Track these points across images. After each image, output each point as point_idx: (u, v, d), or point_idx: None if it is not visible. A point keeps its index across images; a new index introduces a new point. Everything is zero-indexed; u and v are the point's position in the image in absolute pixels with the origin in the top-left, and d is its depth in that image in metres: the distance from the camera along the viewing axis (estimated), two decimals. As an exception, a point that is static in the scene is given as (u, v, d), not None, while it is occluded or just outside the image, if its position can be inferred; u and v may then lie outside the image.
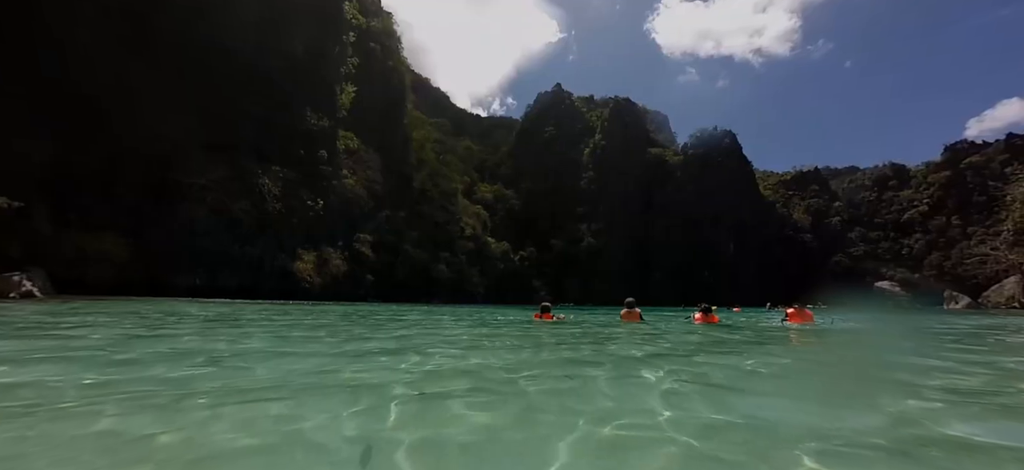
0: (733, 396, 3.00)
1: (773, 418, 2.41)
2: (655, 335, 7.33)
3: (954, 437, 2.08)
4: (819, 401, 3.16)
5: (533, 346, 5.70)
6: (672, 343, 6.17)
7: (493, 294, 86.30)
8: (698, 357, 4.88)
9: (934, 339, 8.28)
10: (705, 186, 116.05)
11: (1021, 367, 4.75)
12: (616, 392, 3.01)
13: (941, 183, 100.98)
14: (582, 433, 2.02)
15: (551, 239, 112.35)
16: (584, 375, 3.72)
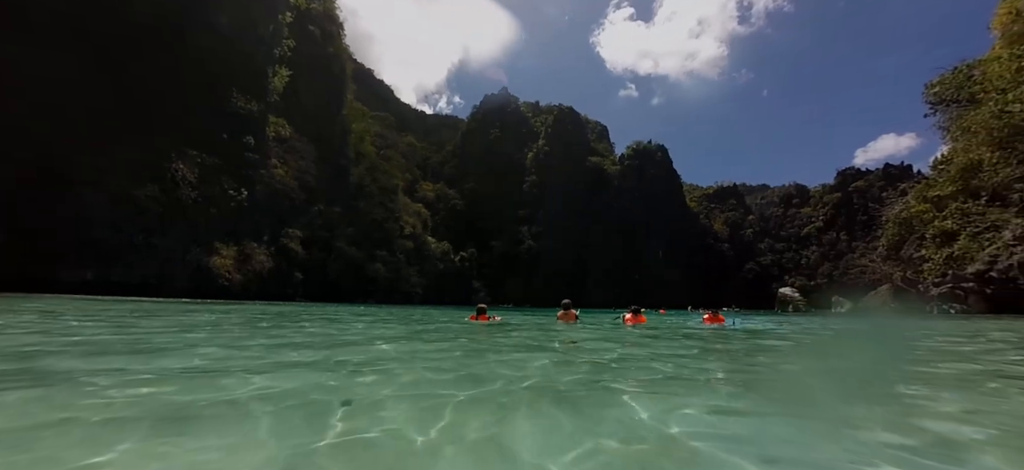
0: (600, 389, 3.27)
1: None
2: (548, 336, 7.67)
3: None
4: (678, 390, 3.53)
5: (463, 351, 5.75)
6: (547, 344, 6.47)
7: (432, 295, 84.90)
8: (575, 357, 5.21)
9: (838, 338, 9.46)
10: (639, 195, 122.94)
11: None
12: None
13: (833, 203, 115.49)
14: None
15: (492, 240, 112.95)
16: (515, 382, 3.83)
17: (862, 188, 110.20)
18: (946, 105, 41.09)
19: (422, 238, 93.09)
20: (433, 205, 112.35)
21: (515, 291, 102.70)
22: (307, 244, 62.87)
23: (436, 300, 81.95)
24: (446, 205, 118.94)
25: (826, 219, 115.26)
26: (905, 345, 7.67)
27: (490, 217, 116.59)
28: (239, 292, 46.96)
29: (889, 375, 4.49)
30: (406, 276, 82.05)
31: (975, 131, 35.75)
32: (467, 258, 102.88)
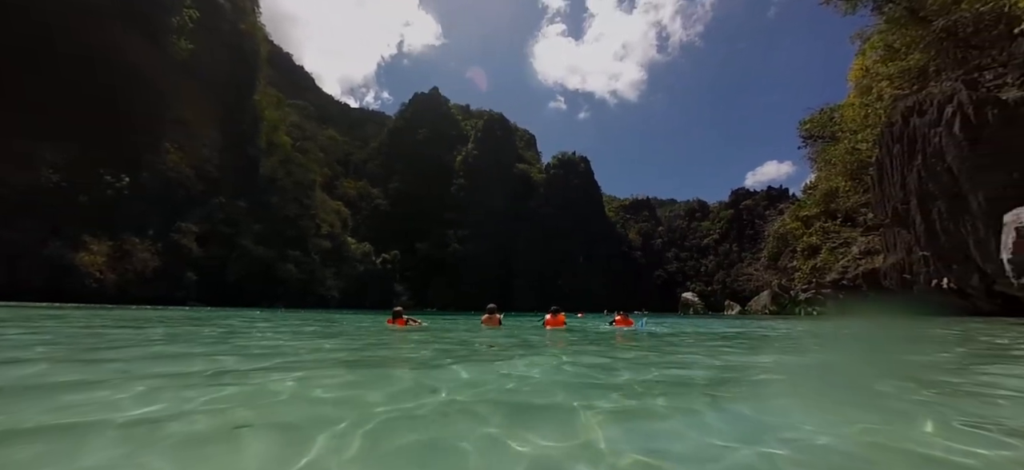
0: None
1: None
2: (451, 342, 7.86)
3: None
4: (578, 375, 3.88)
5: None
6: (466, 349, 6.64)
7: (351, 298, 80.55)
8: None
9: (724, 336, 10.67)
10: (563, 203, 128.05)
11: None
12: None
13: (727, 218, 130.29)
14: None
15: (417, 242, 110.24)
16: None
17: (750, 206, 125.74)
18: (814, 140, 48.60)
19: (341, 238, 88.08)
20: (355, 204, 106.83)
21: (440, 295, 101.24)
22: (205, 240, 56.26)
23: (355, 303, 77.88)
24: (369, 204, 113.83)
25: (722, 232, 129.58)
26: (757, 342, 8.93)
27: (416, 218, 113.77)
28: (114, 294, 40.62)
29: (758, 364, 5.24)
30: (321, 278, 76.95)
31: (834, 163, 42.70)
32: (390, 260, 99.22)
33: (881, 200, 28.73)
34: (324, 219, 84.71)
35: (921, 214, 23.95)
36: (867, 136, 37.13)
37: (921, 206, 23.87)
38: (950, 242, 22.49)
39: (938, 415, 2.46)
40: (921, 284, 25.86)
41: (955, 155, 21.48)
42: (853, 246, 38.26)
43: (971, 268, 21.64)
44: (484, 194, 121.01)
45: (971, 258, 21.30)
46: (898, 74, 33.40)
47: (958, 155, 21.34)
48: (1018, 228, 13.38)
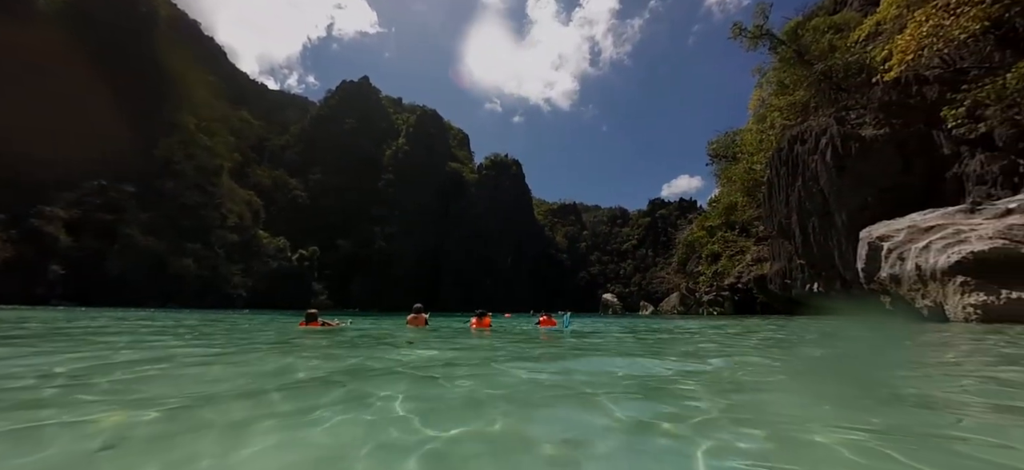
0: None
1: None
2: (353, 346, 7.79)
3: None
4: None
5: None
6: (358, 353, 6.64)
7: (261, 297, 73.87)
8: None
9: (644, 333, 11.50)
10: (493, 204, 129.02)
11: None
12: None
13: (645, 226, 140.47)
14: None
15: (339, 239, 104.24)
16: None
17: (665, 215, 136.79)
18: (719, 158, 54.29)
19: (251, 231, 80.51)
20: (270, 194, 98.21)
21: (362, 294, 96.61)
22: (76, 229, 48.20)
23: (266, 303, 71.57)
24: (286, 196, 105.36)
25: (639, 238, 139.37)
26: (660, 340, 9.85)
27: (338, 213, 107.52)
28: (-54, 290, 33.28)
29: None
30: (226, 275, 69.72)
31: (734, 180, 48.02)
32: (308, 257, 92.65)
33: (770, 215, 32.87)
34: (232, 209, 76.83)
35: (799, 228, 27.84)
36: (761, 158, 42.19)
37: (800, 221, 27.75)
38: (821, 252, 26.44)
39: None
40: (798, 288, 30.06)
41: (826, 179, 25.33)
42: (747, 254, 43.32)
43: (835, 275, 25.63)
44: (414, 191, 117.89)
45: (836, 266, 25.23)
46: (787, 107, 38.52)
47: (828, 179, 25.19)
48: (870, 243, 16.15)
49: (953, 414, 2.57)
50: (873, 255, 15.76)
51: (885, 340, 8.12)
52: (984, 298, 11.54)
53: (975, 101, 21.36)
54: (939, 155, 22.70)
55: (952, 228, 13.35)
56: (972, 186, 20.41)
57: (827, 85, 34.32)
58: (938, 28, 24.39)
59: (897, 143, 23.85)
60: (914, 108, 24.94)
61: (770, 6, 40.13)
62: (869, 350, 6.47)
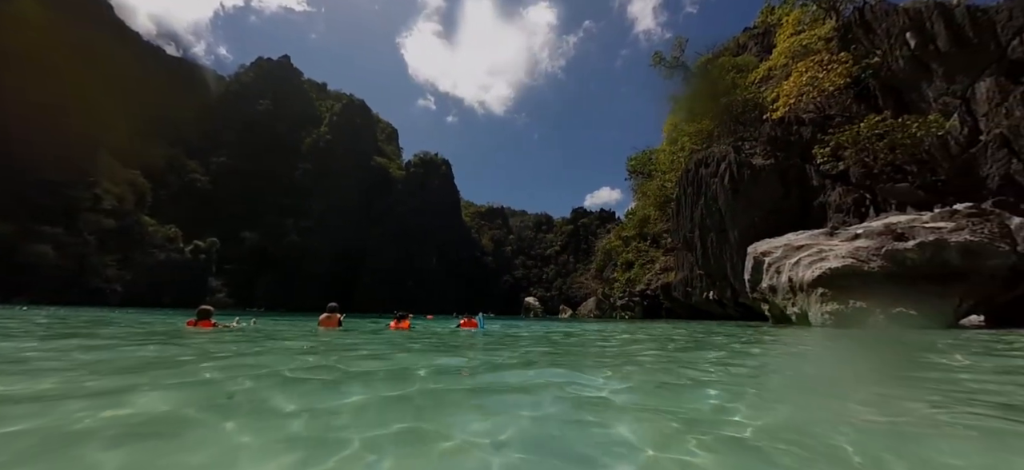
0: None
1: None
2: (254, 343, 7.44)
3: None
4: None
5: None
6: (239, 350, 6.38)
7: (143, 294, 64.52)
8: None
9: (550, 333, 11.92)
10: (420, 203, 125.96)
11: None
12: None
13: (568, 233, 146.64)
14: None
15: (244, 231, 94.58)
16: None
17: (586, 224, 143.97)
18: (636, 174, 58.54)
19: (135, 217, 70.21)
20: (161, 176, 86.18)
21: (271, 292, 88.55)
22: None
23: (149, 301, 62.73)
24: (182, 179, 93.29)
25: (562, 245, 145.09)
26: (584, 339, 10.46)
27: (245, 202, 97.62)
28: None
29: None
30: (97, 267, 60.01)
31: (648, 195, 52.08)
32: (205, 249, 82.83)
33: (676, 229, 36.14)
34: (110, 190, 66.32)
35: (700, 242, 30.99)
36: (672, 177, 46.27)
37: (701, 236, 30.89)
38: (716, 265, 29.65)
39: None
40: (697, 295, 33.40)
41: (723, 200, 28.52)
42: (656, 263, 47.14)
43: (727, 285, 28.92)
44: (334, 183, 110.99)
45: (727, 277, 28.47)
46: (695, 133, 42.70)
47: (725, 200, 28.38)
48: (755, 257, 18.52)
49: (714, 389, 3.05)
50: (757, 268, 18.02)
51: (728, 337, 9.35)
52: (837, 307, 13.78)
53: (837, 143, 25.49)
54: (810, 185, 26.63)
55: (816, 247, 15.78)
56: (832, 213, 24.21)
57: (728, 117, 38.70)
58: (814, 79, 28.71)
59: (779, 173, 27.56)
60: (793, 144, 29.04)
61: (686, 41, 44.47)
62: (695, 346, 7.42)
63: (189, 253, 79.96)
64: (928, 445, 2.17)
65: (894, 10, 26.60)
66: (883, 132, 23.50)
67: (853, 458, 1.88)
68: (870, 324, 12.87)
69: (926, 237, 13.75)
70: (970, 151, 21.24)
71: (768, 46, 40.21)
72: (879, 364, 5.76)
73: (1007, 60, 20.92)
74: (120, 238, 65.72)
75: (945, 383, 3.95)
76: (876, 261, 13.86)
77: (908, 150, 23.01)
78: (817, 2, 33.92)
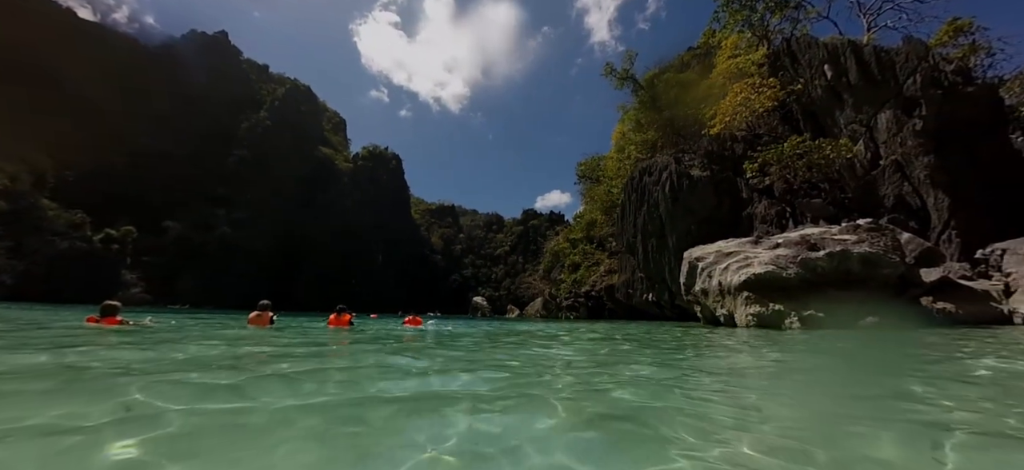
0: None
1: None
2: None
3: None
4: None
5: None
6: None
7: (38, 286, 56.99)
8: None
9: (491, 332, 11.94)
10: (368, 198, 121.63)
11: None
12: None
13: (518, 233, 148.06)
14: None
15: (166, 220, 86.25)
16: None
17: (536, 225, 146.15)
18: (585, 179, 60.32)
19: (31, 200, 61.94)
20: (67, 154, 76.36)
21: (195, 288, 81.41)
22: None
23: (47, 296, 55.54)
24: (93, 158, 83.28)
25: (512, 245, 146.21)
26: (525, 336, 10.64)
27: (168, 188, 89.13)
28: None
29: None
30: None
31: (596, 200, 53.84)
32: (117, 238, 74.67)
33: (621, 233, 37.65)
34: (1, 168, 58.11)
35: (642, 246, 32.50)
36: (618, 183, 48.16)
37: (643, 241, 32.41)
38: (656, 268, 31.24)
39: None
40: (638, 297, 34.99)
41: (664, 207, 30.11)
42: (602, 266, 48.83)
43: (665, 288, 30.56)
44: (274, 173, 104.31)
45: (665, 280, 30.08)
46: (641, 142, 44.72)
47: (665, 208, 29.98)
48: (689, 262, 19.74)
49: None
50: (691, 272, 19.20)
51: (648, 335, 9.98)
52: (759, 309, 15.00)
53: (764, 160, 27.78)
54: (740, 197, 28.79)
55: (743, 254, 17.08)
56: (758, 223, 26.33)
57: (671, 130, 40.93)
58: (747, 100, 31.05)
59: (714, 184, 29.55)
60: (727, 159, 31.25)
61: (636, 55, 46.50)
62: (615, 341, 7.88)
63: (99, 243, 71.68)
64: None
65: (816, 43, 29.49)
66: (802, 152, 25.96)
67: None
68: (785, 325, 14.15)
69: (834, 248, 15.35)
70: (871, 173, 24.00)
71: (709, 66, 43.04)
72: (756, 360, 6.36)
73: (903, 96, 23.86)
74: (12, 223, 57.58)
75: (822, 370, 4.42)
76: (793, 268, 15.26)
77: (822, 170, 25.58)
78: (752, 30, 36.83)
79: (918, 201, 21.82)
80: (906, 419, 2.55)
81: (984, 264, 17.16)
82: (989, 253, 17.19)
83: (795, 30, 34.81)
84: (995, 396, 3.24)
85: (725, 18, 38.22)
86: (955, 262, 18.17)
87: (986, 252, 17.34)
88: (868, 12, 34.18)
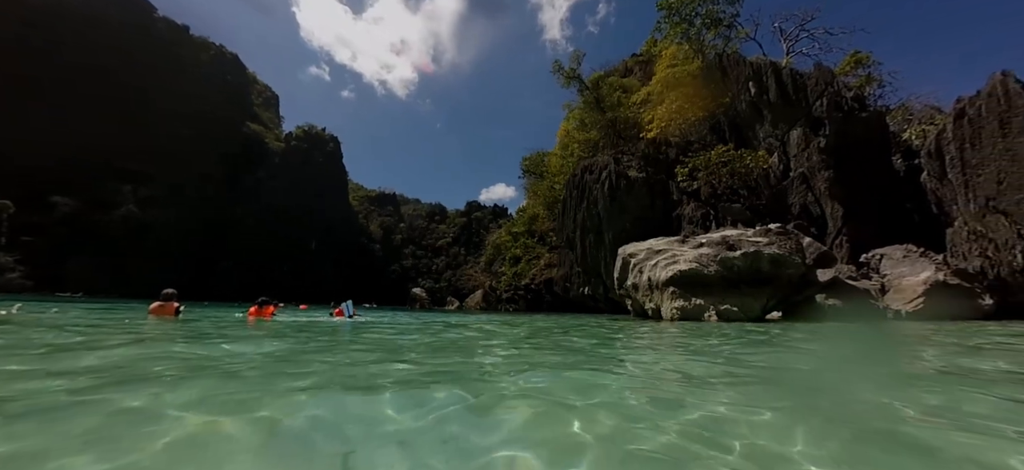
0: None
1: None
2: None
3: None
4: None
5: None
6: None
7: None
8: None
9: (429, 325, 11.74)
10: (301, 181, 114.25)
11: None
12: None
13: (461, 225, 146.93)
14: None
15: (56, 194, 75.09)
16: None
17: (479, 217, 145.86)
18: (530, 174, 61.07)
19: None
20: (-86, 106, 63.82)
21: (90, 274, 71.73)
22: None
23: None
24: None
25: (454, 236, 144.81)
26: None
27: (63, 162, 77.59)
28: None
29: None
30: None
31: (538, 195, 54.72)
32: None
33: (561, 228, 38.65)
34: None
35: (581, 242, 33.61)
36: (561, 180, 49.29)
37: (582, 236, 33.51)
38: (593, 263, 32.46)
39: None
40: (575, 290, 36.16)
41: (602, 206, 31.31)
42: (542, 260, 49.84)
43: (600, 282, 31.85)
44: (193, 147, 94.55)
45: (601, 275, 31.35)
46: (584, 141, 46.03)
47: (604, 206, 31.19)
48: (623, 258, 20.73)
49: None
50: (624, 268, 20.15)
51: (579, 323, 10.48)
52: (682, 303, 16.10)
53: (693, 166, 29.76)
54: (672, 199, 30.63)
55: (671, 252, 18.22)
56: (686, 224, 28.19)
57: (612, 131, 42.52)
58: (681, 109, 33.02)
59: (649, 185, 31.19)
60: (661, 162, 33.08)
61: (583, 55, 47.62)
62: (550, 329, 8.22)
63: (-37, 215, 60.78)
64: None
65: (743, 61, 32.04)
66: (727, 161, 28.18)
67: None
68: (705, 317, 15.33)
69: (749, 248, 16.84)
70: (783, 184, 26.62)
71: (650, 74, 45.22)
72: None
73: (812, 116, 26.67)
74: None
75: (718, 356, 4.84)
76: (713, 266, 16.54)
77: (742, 177, 27.95)
78: (689, 43, 39.20)
79: (818, 209, 24.56)
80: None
81: (867, 267, 19.72)
82: (871, 257, 19.77)
83: (726, 47, 37.57)
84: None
85: (666, 29, 40.32)
86: (845, 264, 20.70)
87: (868, 256, 19.92)
88: (788, 38, 37.76)
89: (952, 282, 16.29)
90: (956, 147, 19.72)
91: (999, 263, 17.49)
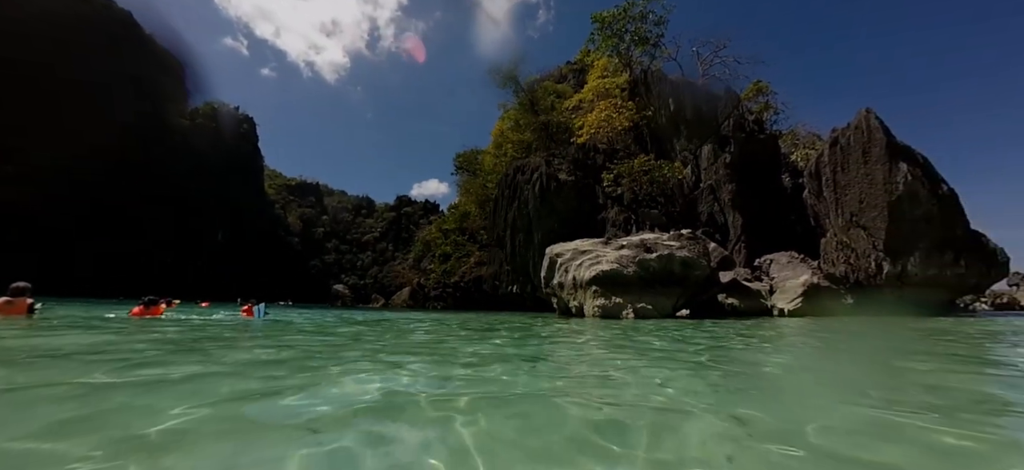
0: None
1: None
2: None
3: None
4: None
5: None
6: None
7: None
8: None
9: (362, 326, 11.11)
10: (209, 164, 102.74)
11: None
12: None
13: (389, 220, 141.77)
14: None
15: None
16: None
17: (409, 213, 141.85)
18: (463, 171, 60.58)
19: None
20: None
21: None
22: None
23: None
24: None
25: (382, 231, 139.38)
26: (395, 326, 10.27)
27: None
28: None
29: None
30: None
31: (471, 193, 54.51)
32: None
33: (492, 226, 38.87)
34: None
35: (511, 241, 34.04)
36: (494, 179, 49.51)
37: (512, 236, 33.95)
38: (522, 262, 33.03)
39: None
40: (504, 288, 36.55)
41: (533, 206, 31.98)
42: (472, 257, 49.71)
43: (528, 280, 32.51)
44: (71, 121, 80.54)
45: (529, 273, 32.02)
46: (517, 142, 46.64)
47: (534, 206, 31.88)
48: (550, 257, 21.35)
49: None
50: (551, 267, 20.73)
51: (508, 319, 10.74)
52: (603, 302, 16.92)
53: (618, 172, 31.48)
54: (597, 202, 32.12)
55: (595, 253, 19.09)
56: (609, 227, 29.72)
57: (545, 134, 43.59)
58: (609, 118, 34.72)
59: (578, 188, 32.43)
60: (589, 167, 34.55)
61: (521, 58, 48.31)
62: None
63: None
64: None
65: (665, 78, 34.61)
66: (647, 169, 30.21)
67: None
68: (623, 315, 16.28)
69: (663, 251, 18.18)
70: (694, 193, 29.16)
71: (582, 82, 47.07)
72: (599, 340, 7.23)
73: (720, 134, 29.53)
74: None
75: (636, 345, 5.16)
76: (632, 267, 17.61)
77: (660, 186, 30.14)
78: (619, 57, 41.42)
79: (723, 218, 27.25)
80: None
81: (760, 270, 22.26)
82: (763, 262, 22.36)
83: (651, 64, 40.30)
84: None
85: (599, 41, 42.23)
86: (743, 268, 23.18)
87: (761, 261, 22.51)
88: (704, 61, 41.36)
89: (824, 284, 18.95)
90: (830, 170, 22.99)
91: (858, 269, 20.71)
